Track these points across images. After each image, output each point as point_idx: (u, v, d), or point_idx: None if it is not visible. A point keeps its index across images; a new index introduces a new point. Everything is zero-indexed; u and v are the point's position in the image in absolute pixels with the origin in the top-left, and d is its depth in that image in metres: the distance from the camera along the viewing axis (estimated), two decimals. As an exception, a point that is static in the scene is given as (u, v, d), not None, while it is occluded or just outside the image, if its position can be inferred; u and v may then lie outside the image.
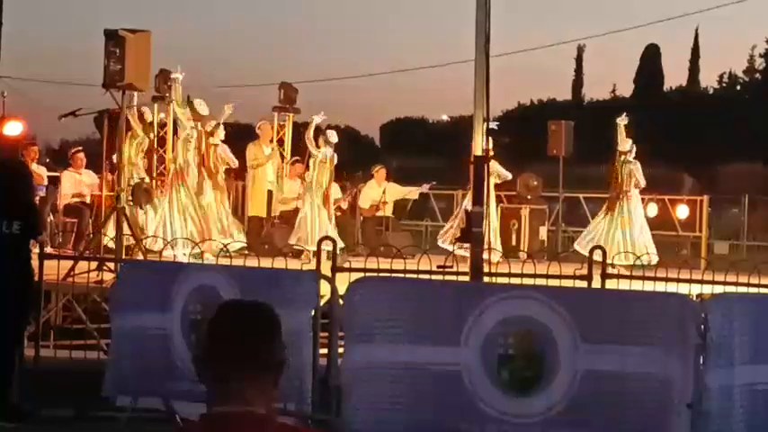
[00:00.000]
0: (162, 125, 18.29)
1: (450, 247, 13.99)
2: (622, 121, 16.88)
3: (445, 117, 56.61)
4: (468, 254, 9.68)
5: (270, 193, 17.96)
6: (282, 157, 18.83)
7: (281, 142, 18.93)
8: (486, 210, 8.47)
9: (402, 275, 9.24)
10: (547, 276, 9.47)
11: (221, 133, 15.83)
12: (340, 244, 16.45)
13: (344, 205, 19.30)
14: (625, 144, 16.66)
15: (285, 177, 18.50)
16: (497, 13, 8.52)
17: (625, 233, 16.27)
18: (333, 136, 16.74)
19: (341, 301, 7.02)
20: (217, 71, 72.40)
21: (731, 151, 39.75)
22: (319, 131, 17.06)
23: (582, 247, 15.78)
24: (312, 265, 10.13)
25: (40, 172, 16.35)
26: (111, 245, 12.43)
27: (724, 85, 56.37)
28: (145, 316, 7.68)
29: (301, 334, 6.95)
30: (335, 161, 16.69)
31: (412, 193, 20.96)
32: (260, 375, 2.92)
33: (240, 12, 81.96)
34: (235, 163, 16.77)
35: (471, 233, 8.32)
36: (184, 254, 12.13)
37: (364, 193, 19.67)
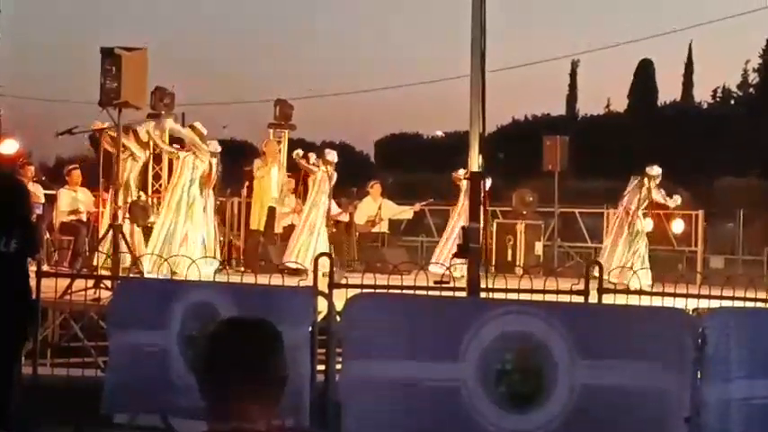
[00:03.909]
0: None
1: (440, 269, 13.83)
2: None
3: (440, 133, 56.63)
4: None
5: (272, 209, 18.00)
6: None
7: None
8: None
9: (399, 291, 9.25)
10: (543, 291, 9.48)
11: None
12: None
13: (346, 218, 19.40)
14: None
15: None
16: (492, 29, 8.55)
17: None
18: (332, 155, 16.98)
19: (338, 317, 7.04)
20: (214, 87, 72.48)
21: (726, 165, 39.79)
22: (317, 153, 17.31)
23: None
24: (309, 282, 10.12)
25: (37, 191, 16.36)
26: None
27: (718, 99, 56.43)
28: (142, 333, 7.68)
29: (299, 350, 6.94)
30: (334, 179, 16.89)
31: (405, 212, 20.98)
32: (261, 392, 2.93)
33: (237, 28, 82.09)
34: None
35: (468, 249, 8.33)
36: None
37: (360, 209, 19.73)
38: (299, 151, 17.44)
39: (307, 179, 17.74)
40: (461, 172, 15.91)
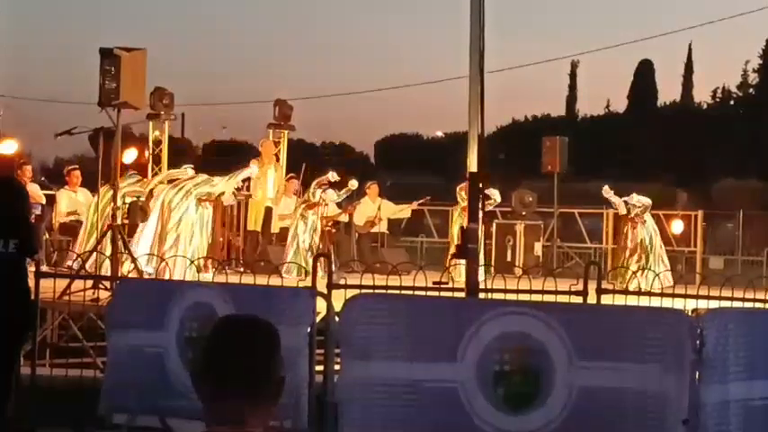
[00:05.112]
0: (157, 143, 18.35)
1: None
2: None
3: (440, 133, 56.65)
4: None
5: (269, 209, 18.01)
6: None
7: (276, 159, 19.00)
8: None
9: (398, 292, 9.24)
10: (542, 292, 9.47)
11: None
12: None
13: (345, 218, 19.42)
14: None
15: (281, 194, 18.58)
16: (491, 29, 8.52)
17: None
18: (330, 194, 17.17)
19: (337, 318, 7.03)
20: (214, 87, 72.53)
21: (725, 166, 39.81)
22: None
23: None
24: (308, 282, 10.12)
25: (36, 191, 16.35)
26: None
27: (718, 99, 56.39)
28: (141, 334, 7.68)
29: (297, 351, 6.94)
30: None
31: (404, 211, 20.98)
32: (258, 392, 2.92)
33: (237, 28, 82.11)
34: None
35: (467, 249, 8.32)
36: None
37: (359, 210, 19.74)
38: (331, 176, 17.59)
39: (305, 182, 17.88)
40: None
